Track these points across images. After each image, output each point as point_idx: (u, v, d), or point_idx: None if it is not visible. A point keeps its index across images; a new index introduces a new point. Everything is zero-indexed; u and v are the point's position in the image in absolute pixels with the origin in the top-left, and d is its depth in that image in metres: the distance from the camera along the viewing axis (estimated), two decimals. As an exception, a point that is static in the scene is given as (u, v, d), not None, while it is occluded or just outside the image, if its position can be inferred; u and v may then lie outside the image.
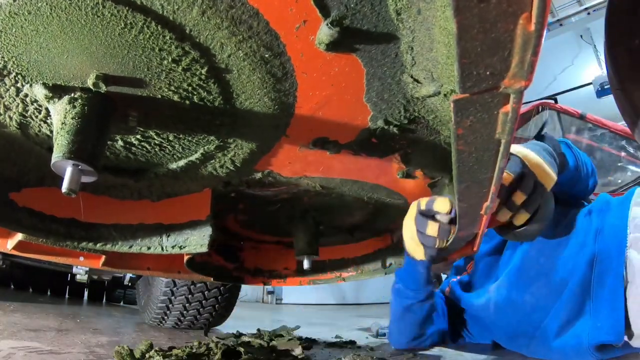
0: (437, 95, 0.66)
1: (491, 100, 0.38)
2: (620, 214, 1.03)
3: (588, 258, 1.02)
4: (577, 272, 1.02)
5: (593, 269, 1.01)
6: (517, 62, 0.33)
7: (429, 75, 0.62)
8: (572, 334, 1.02)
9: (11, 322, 1.75)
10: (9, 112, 0.70)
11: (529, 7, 0.29)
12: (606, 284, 0.97)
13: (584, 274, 1.01)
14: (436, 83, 0.63)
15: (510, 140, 0.44)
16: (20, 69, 0.61)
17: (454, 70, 0.49)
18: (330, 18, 0.52)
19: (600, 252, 1.01)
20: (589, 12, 7.15)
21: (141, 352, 1.08)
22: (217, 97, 0.67)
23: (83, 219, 0.95)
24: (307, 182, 0.99)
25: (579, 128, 3.54)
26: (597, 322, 0.97)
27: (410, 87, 0.66)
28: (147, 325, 2.15)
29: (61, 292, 4.58)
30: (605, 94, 5.57)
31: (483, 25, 0.30)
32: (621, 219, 1.02)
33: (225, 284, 1.92)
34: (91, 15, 0.53)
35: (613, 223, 1.03)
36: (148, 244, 1.01)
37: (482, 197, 0.59)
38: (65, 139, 0.62)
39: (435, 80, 0.62)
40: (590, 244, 1.03)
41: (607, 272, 0.98)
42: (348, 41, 0.56)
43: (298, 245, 1.21)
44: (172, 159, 0.86)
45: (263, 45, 0.57)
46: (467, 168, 0.50)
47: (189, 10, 0.52)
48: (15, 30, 0.55)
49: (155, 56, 0.59)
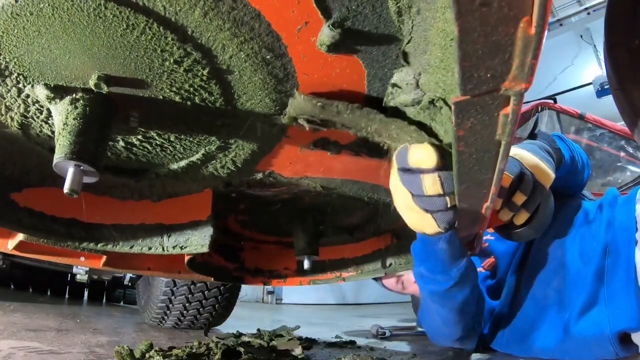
0: (414, 106, 0.61)
1: (492, 103, 0.38)
2: (627, 209, 1.05)
3: (601, 248, 1.03)
4: (592, 262, 1.03)
5: (606, 258, 1.01)
6: (518, 64, 0.34)
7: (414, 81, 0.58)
8: (591, 322, 0.99)
9: (11, 322, 1.75)
10: (11, 113, 0.70)
11: (530, 11, 0.30)
12: (619, 272, 0.98)
13: (598, 263, 1.02)
14: (418, 91, 0.59)
15: (510, 142, 0.44)
16: (22, 70, 0.62)
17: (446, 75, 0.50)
18: (332, 19, 0.53)
19: (612, 241, 1.02)
20: (589, 12, 7.15)
21: (141, 352, 1.08)
22: (218, 98, 0.67)
23: (84, 219, 0.95)
24: (308, 183, 0.99)
25: (578, 128, 3.55)
26: (614, 309, 0.96)
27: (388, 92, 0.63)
28: (147, 325, 2.15)
29: (61, 292, 4.58)
30: (605, 94, 5.57)
31: (484, 29, 0.31)
32: (629, 216, 1.03)
33: (226, 284, 1.92)
34: (93, 16, 0.53)
35: (622, 219, 1.04)
36: (149, 244, 1.01)
37: (483, 197, 0.60)
38: (67, 140, 0.62)
39: (418, 88, 0.59)
40: (602, 235, 1.05)
41: (619, 261, 0.99)
42: (349, 42, 0.56)
43: (298, 245, 1.21)
44: (173, 159, 0.86)
45: (264, 46, 0.58)
46: (467, 169, 0.51)
47: (191, 11, 0.52)
48: (17, 31, 0.55)
49: (157, 57, 0.59)
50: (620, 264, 0.98)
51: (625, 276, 0.96)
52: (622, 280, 0.96)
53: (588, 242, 1.08)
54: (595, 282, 1.01)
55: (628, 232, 1.00)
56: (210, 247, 1.01)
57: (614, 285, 0.98)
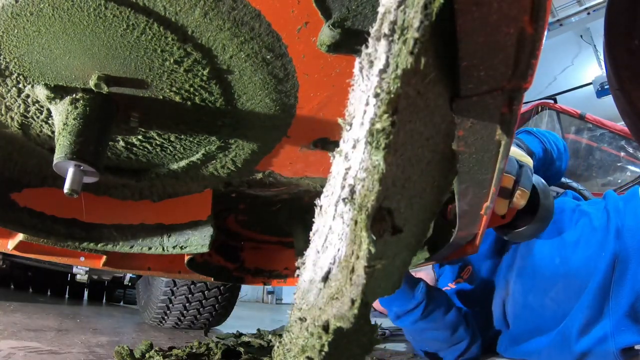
0: None
1: (492, 102, 0.38)
2: (634, 214, 1.02)
3: (609, 258, 0.99)
4: (598, 273, 1.00)
5: (614, 269, 0.98)
6: (518, 64, 0.33)
7: None
8: (594, 337, 0.98)
9: (11, 322, 1.75)
10: (11, 113, 0.70)
11: (529, 11, 0.30)
12: (626, 284, 0.96)
13: (605, 274, 0.99)
14: None
15: (510, 142, 0.44)
16: (22, 70, 0.62)
17: None
18: (332, 19, 0.53)
19: (621, 251, 0.99)
20: (589, 12, 7.15)
21: (141, 352, 1.09)
22: (218, 98, 0.67)
23: (84, 219, 0.95)
24: (308, 183, 0.99)
25: (578, 128, 3.55)
26: (619, 324, 0.94)
27: None
28: (147, 325, 2.15)
29: (61, 292, 4.58)
30: (605, 94, 5.58)
31: (484, 29, 0.31)
32: (636, 220, 1.00)
33: (226, 284, 1.92)
34: (93, 16, 0.53)
35: (630, 224, 1.01)
36: (149, 244, 1.01)
37: (482, 197, 0.59)
38: (67, 140, 0.62)
39: None
40: (611, 244, 1.01)
41: (626, 272, 0.96)
42: (349, 42, 0.56)
43: (299, 245, 1.21)
44: (173, 159, 0.86)
45: (265, 46, 0.58)
46: (467, 169, 0.51)
47: (191, 11, 0.52)
48: (18, 31, 0.55)
49: (157, 57, 0.59)
50: (628, 275, 0.95)
51: (632, 288, 0.93)
52: (629, 294, 0.94)
53: (594, 251, 1.03)
54: (601, 295, 0.98)
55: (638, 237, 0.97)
56: (210, 247, 1.01)
57: (620, 299, 0.95)
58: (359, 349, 0.40)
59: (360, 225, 0.32)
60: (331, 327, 0.36)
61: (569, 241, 1.08)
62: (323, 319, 0.37)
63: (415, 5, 0.28)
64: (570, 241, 1.08)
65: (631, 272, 0.95)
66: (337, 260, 0.36)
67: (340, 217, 0.36)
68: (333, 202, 0.39)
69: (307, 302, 0.42)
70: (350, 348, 0.39)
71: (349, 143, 0.36)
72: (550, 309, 1.07)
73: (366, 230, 0.32)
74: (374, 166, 0.31)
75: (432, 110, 0.36)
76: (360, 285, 0.33)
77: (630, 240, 0.98)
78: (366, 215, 0.32)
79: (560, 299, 1.06)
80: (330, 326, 0.37)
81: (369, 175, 0.32)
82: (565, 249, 1.08)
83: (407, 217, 0.40)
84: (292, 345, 0.43)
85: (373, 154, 0.31)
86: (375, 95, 0.30)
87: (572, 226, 1.11)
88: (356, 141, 0.34)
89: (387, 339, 2.03)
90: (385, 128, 0.30)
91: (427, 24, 0.28)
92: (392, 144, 0.30)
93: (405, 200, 0.39)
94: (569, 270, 1.05)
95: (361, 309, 0.34)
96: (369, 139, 0.31)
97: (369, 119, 0.31)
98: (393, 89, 0.29)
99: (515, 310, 1.14)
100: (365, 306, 0.35)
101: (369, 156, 0.31)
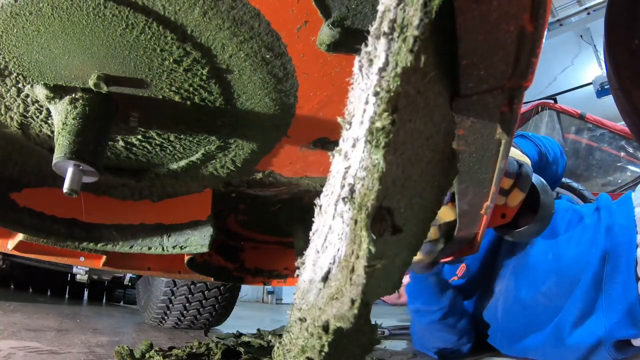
0: None
1: (492, 101, 0.38)
2: (626, 213, 1.04)
3: (600, 254, 1.02)
4: (590, 269, 1.02)
5: (605, 265, 1.00)
6: (518, 62, 0.33)
7: None
8: (587, 331, 1.01)
9: (11, 322, 1.75)
10: (10, 113, 0.70)
11: (530, 9, 0.29)
12: (618, 279, 0.97)
13: (596, 270, 1.01)
14: None
15: (510, 141, 0.44)
16: (21, 70, 0.61)
17: None
18: (332, 19, 0.52)
19: (611, 248, 1.01)
20: (589, 12, 7.15)
21: (141, 352, 1.08)
22: (218, 98, 0.67)
23: (84, 219, 0.95)
24: (308, 183, 0.99)
25: (578, 128, 3.55)
26: (611, 317, 0.96)
27: None
28: (147, 325, 2.15)
29: (61, 292, 4.58)
30: (605, 94, 5.58)
31: (484, 27, 0.30)
32: (628, 219, 1.02)
33: (226, 284, 1.92)
34: (92, 16, 0.53)
35: (622, 222, 1.03)
36: (149, 244, 1.01)
37: (482, 197, 0.59)
38: (66, 140, 0.62)
39: None
40: (601, 241, 1.04)
41: (618, 268, 0.98)
42: (349, 41, 0.56)
43: (299, 245, 1.21)
44: (173, 159, 0.86)
45: (264, 46, 0.57)
46: (467, 168, 0.50)
47: (191, 11, 0.52)
48: (17, 31, 0.55)
49: (156, 57, 0.59)
50: (619, 270, 0.97)
51: (624, 283, 0.95)
52: (621, 288, 0.96)
53: (585, 247, 1.06)
54: (593, 290, 1.00)
55: (629, 235, 0.99)
56: (210, 247, 1.01)
57: (612, 293, 0.97)
58: (359, 349, 0.40)
59: (360, 225, 0.32)
60: (331, 327, 0.36)
61: (562, 238, 1.11)
62: (323, 319, 0.37)
63: (415, 3, 0.28)
64: (563, 238, 1.11)
65: (623, 267, 0.97)
66: (337, 260, 0.36)
67: (340, 217, 0.36)
68: (333, 202, 0.38)
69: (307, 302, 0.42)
70: (350, 348, 0.39)
71: (348, 142, 0.36)
72: (543, 305, 1.10)
73: (366, 229, 0.32)
74: (373, 165, 0.31)
75: (432, 109, 0.36)
76: (360, 285, 0.33)
77: (622, 236, 1.01)
78: (366, 214, 0.32)
79: (553, 294, 1.08)
80: (330, 326, 0.36)
81: (369, 174, 0.32)
82: (558, 246, 1.10)
83: (407, 216, 0.40)
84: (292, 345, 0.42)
85: (373, 153, 0.31)
86: (375, 93, 0.30)
87: (565, 224, 1.12)
88: (356, 140, 0.34)
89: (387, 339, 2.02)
90: (385, 126, 0.30)
91: (426, 22, 0.28)
92: (392, 143, 0.30)
93: (405, 200, 0.38)
94: (562, 266, 1.08)
95: (361, 309, 0.34)
96: (369, 138, 0.31)
97: (369, 118, 0.31)
98: (393, 87, 0.29)
99: (507, 305, 1.15)
100: (365, 306, 0.34)
101: (368, 155, 0.31)
